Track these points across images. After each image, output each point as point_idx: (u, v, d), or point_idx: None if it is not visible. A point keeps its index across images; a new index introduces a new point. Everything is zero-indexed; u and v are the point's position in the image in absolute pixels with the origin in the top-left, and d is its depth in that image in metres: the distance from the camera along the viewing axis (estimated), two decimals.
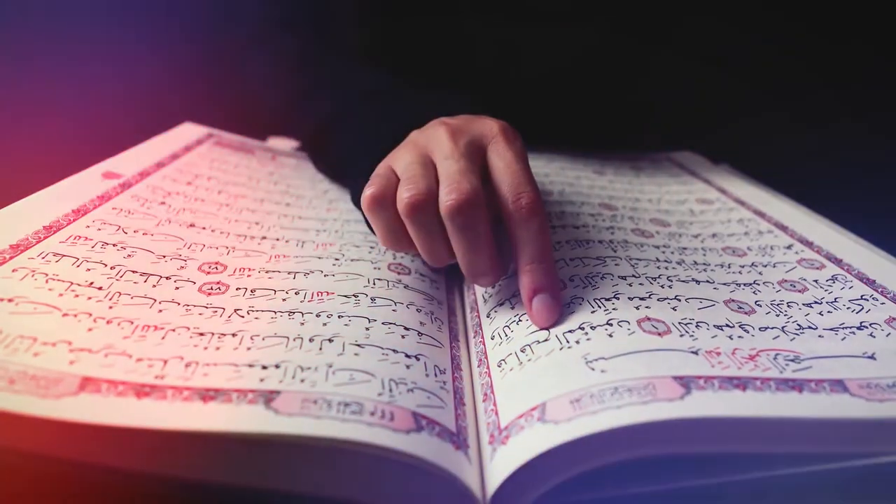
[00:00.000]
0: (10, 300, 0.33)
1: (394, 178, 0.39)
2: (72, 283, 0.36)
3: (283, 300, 0.38)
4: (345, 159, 0.54)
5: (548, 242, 0.38)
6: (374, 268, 0.43)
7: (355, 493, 0.28)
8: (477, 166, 0.39)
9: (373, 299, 0.39)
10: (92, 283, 0.36)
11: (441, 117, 0.43)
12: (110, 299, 0.35)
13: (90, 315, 0.34)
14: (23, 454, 0.27)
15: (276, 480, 0.28)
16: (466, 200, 0.36)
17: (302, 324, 0.35)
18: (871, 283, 0.43)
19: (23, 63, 0.90)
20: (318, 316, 0.36)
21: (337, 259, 0.44)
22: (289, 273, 0.41)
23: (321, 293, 0.39)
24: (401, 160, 0.40)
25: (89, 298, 0.35)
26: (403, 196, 0.37)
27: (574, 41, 0.68)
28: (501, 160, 0.39)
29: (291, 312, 0.37)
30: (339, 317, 0.36)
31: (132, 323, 0.34)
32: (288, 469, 0.28)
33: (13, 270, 0.35)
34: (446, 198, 0.37)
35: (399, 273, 0.43)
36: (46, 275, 0.36)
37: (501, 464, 0.29)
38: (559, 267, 0.42)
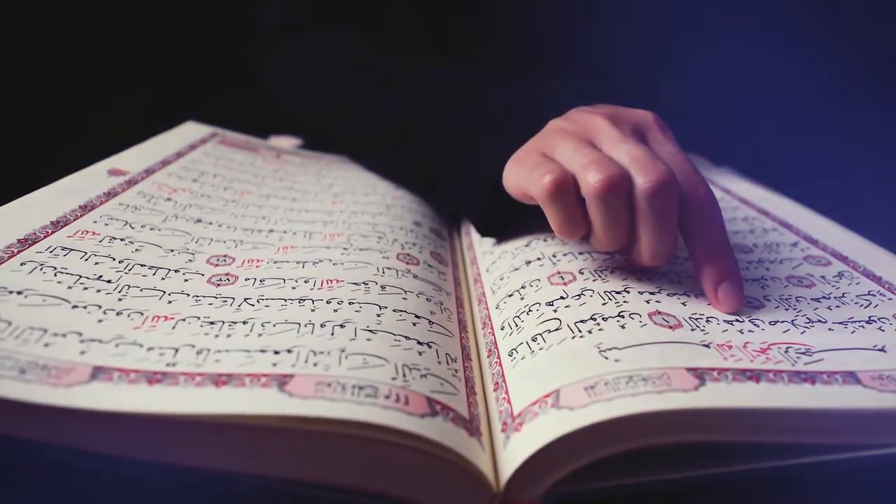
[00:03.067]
0: (19, 293, 0.33)
1: (562, 166, 0.38)
2: (80, 277, 0.36)
3: (293, 288, 0.38)
4: (462, 149, 0.52)
5: (725, 231, 0.38)
6: (383, 257, 0.43)
7: (368, 480, 0.28)
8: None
9: (383, 287, 0.39)
10: (101, 277, 0.36)
11: (579, 106, 0.43)
12: (119, 291, 0.35)
13: (100, 307, 0.33)
14: None
15: (288, 468, 0.28)
16: (666, 182, 0.36)
17: (313, 310, 0.35)
18: (877, 279, 0.43)
19: (27, 61, 0.90)
20: (328, 303, 0.36)
21: (345, 249, 0.44)
22: (297, 262, 0.41)
23: (331, 281, 0.39)
24: (562, 147, 0.39)
25: (98, 291, 0.35)
26: (596, 178, 0.36)
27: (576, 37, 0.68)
28: (664, 150, 0.39)
29: (302, 300, 0.36)
30: (349, 303, 0.36)
31: (142, 314, 0.34)
32: (300, 456, 0.27)
33: (21, 264, 0.35)
34: (644, 180, 0.36)
35: (408, 263, 0.43)
36: (55, 268, 0.36)
37: (516, 450, 0.29)
38: (568, 260, 0.42)
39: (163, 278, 0.37)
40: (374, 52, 0.64)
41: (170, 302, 0.35)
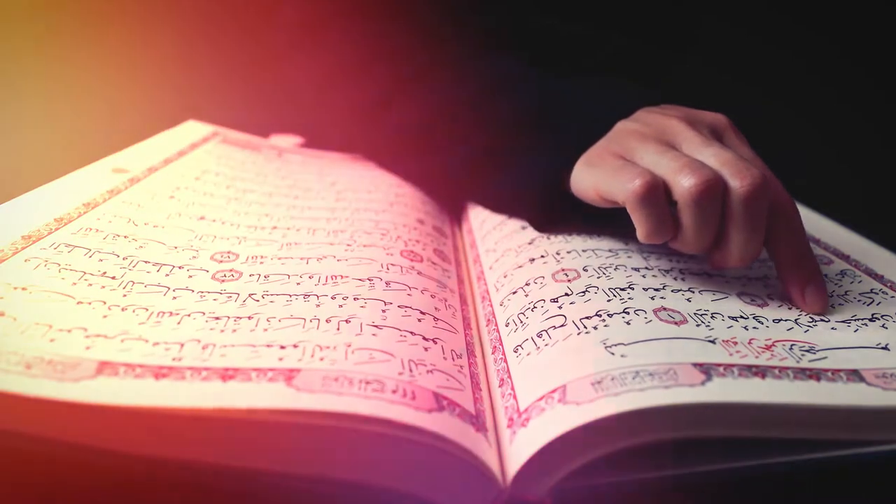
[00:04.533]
0: (23, 289, 0.33)
1: (648, 170, 0.38)
2: (85, 273, 0.36)
3: (298, 284, 0.38)
4: (521, 146, 0.51)
5: (805, 234, 0.38)
6: (387, 253, 0.43)
7: (375, 475, 0.28)
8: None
9: (387, 283, 0.39)
10: (105, 273, 0.36)
11: (645, 107, 0.43)
12: (124, 288, 0.35)
13: (104, 303, 0.33)
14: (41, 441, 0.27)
15: (295, 463, 0.28)
16: (762, 186, 0.36)
17: (318, 306, 0.35)
18: (879, 277, 0.43)
19: (28, 59, 0.90)
20: (333, 298, 0.36)
21: (349, 245, 0.44)
22: (301, 259, 0.41)
23: (335, 277, 0.39)
24: (644, 150, 0.39)
25: (103, 287, 0.35)
26: (691, 182, 0.36)
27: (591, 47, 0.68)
28: (742, 153, 0.39)
29: (307, 295, 0.36)
30: (354, 299, 0.36)
31: (147, 310, 0.34)
32: (307, 451, 0.27)
33: (26, 260, 0.35)
34: (740, 184, 0.36)
35: (412, 260, 0.43)
36: (59, 265, 0.36)
37: (523, 446, 0.29)
38: (572, 257, 0.42)
39: (167, 274, 0.37)
40: (401, 44, 0.61)
41: (174, 298, 0.35)
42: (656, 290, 0.39)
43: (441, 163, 0.56)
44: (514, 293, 0.41)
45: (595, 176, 0.41)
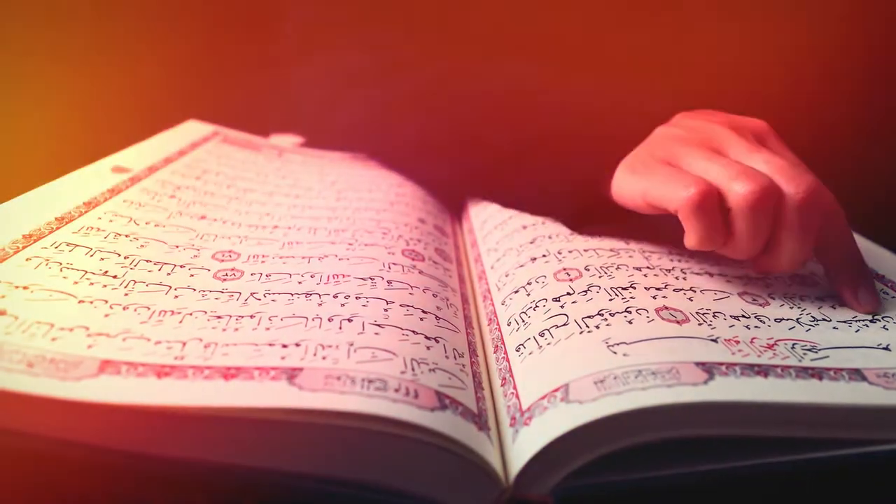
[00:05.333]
0: (25, 287, 0.33)
1: (699, 177, 0.38)
2: (86, 272, 0.35)
3: (299, 283, 0.38)
4: (551, 151, 0.51)
5: (853, 236, 0.39)
6: (389, 253, 0.43)
7: (377, 474, 0.28)
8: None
9: (389, 282, 0.39)
10: (106, 272, 0.36)
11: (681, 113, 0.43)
12: (125, 287, 0.35)
13: (106, 302, 0.33)
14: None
15: (297, 462, 0.28)
16: (817, 192, 0.36)
17: (320, 304, 0.35)
18: (880, 278, 0.43)
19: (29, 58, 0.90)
20: (335, 297, 0.36)
21: (350, 244, 0.44)
22: (303, 258, 0.41)
23: (337, 276, 0.39)
24: (692, 157, 0.39)
25: (104, 286, 0.35)
26: (747, 189, 0.36)
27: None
28: (788, 156, 0.39)
29: (308, 294, 0.36)
30: (356, 298, 0.36)
31: (149, 309, 0.33)
32: (308, 450, 0.27)
33: (27, 259, 0.35)
34: (796, 191, 0.36)
35: (413, 259, 0.43)
36: (60, 264, 0.36)
37: (525, 445, 0.29)
38: (574, 257, 0.42)
39: (168, 273, 0.37)
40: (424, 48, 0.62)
41: (176, 297, 0.35)
42: (658, 289, 0.39)
43: (468, 164, 0.56)
44: (516, 292, 0.41)
45: (643, 183, 0.41)
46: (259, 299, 0.36)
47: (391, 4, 0.64)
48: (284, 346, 0.31)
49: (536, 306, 0.38)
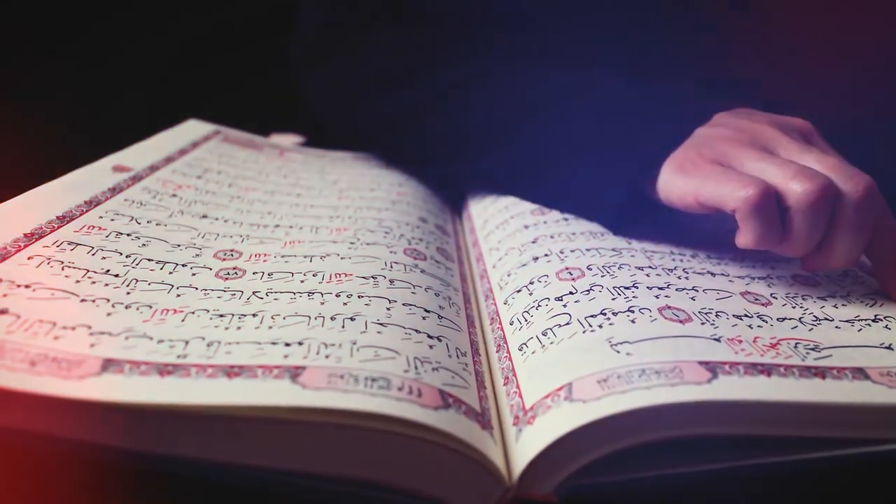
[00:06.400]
0: (27, 286, 0.33)
1: (756, 178, 0.38)
2: (88, 271, 0.35)
3: (302, 282, 0.38)
4: (595, 151, 0.50)
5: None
6: (391, 252, 0.43)
7: (381, 473, 0.28)
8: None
9: (391, 281, 0.39)
10: (108, 271, 0.36)
11: (720, 113, 0.43)
12: (127, 285, 0.35)
13: (108, 300, 0.33)
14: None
15: (301, 461, 0.27)
16: (873, 189, 0.37)
17: (322, 303, 0.35)
18: None
19: (30, 57, 0.90)
20: (337, 296, 0.36)
21: (352, 243, 0.44)
22: (305, 257, 0.41)
23: (339, 275, 0.39)
24: (744, 156, 0.39)
25: (106, 285, 0.35)
26: (806, 188, 0.36)
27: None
28: (833, 154, 0.40)
29: (311, 293, 0.36)
30: (359, 297, 0.36)
31: (151, 307, 0.33)
32: (313, 448, 0.27)
33: (29, 258, 0.35)
34: (853, 189, 0.37)
35: (415, 258, 0.43)
36: (62, 262, 0.36)
37: (529, 443, 0.29)
38: (576, 256, 0.42)
39: (170, 272, 0.37)
40: (449, 50, 0.59)
41: (178, 295, 0.35)
42: (661, 288, 0.39)
43: (508, 161, 0.55)
44: (518, 291, 0.41)
45: (694, 182, 0.41)
46: (261, 298, 0.35)
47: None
48: (287, 344, 0.31)
49: (539, 305, 0.38)
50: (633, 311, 0.36)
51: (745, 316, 0.37)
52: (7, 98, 0.85)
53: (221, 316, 0.33)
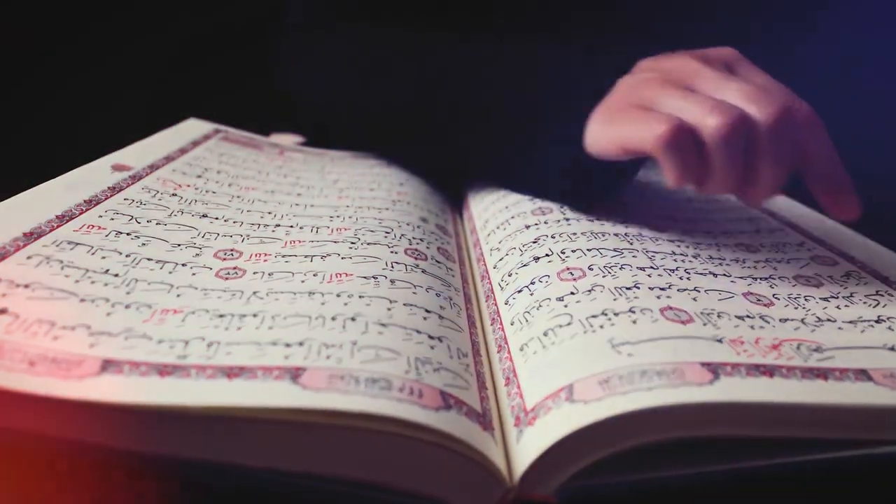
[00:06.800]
0: (26, 286, 0.33)
1: (672, 115, 0.38)
2: (87, 270, 0.35)
3: (302, 282, 0.38)
4: (528, 122, 0.51)
5: (832, 144, 0.38)
6: (392, 252, 0.43)
7: (382, 474, 0.28)
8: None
9: (392, 281, 0.39)
10: (108, 270, 0.36)
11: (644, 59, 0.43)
12: (127, 285, 0.35)
13: (108, 300, 0.33)
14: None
15: (301, 462, 0.27)
16: (788, 113, 0.36)
17: (322, 304, 0.35)
18: (884, 279, 0.43)
19: (31, 56, 0.90)
20: (338, 296, 0.36)
21: (353, 243, 0.43)
22: (305, 256, 0.41)
23: (340, 275, 0.39)
24: (663, 95, 0.39)
25: (106, 285, 0.34)
26: (718, 122, 0.36)
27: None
28: (759, 80, 0.39)
29: (311, 293, 0.36)
30: (359, 297, 0.36)
31: (150, 307, 0.33)
32: (313, 450, 0.27)
33: (28, 258, 0.35)
34: (766, 117, 0.36)
35: (416, 258, 0.43)
36: (62, 262, 0.35)
37: (530, 444, 0.29)
38: (577, 256, 0.42)
39: (170, 272, 0.37)
40: (401, 38, 0.62)
41: (178, 295, 0.35)
42: (662, 289, 0.38)
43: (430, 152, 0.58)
44: (519, 292, 0.40)
45: (616, 130, 0.41)
46: (261, 298, 0.35)
47: None
48: (288, 345, 0.31)
49: (540, 306, 0.38)
50: (634, 312, 0.36)
51: (748, 317, 0.36)
52: (7, 98, 0.85)
53: (221, 316, 0.33)
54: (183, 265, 0.38)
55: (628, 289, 0.38)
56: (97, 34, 0.94)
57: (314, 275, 0.38)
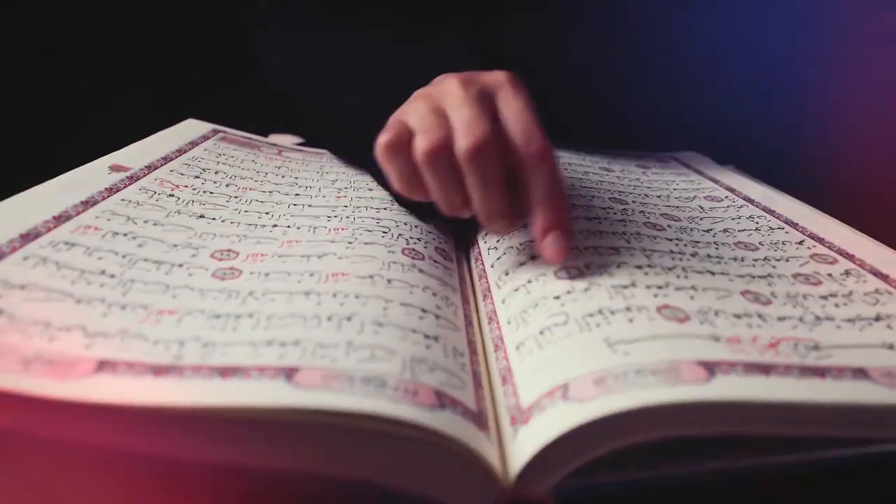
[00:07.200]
0: (22, 287, 0.33)
1: (407, 128, 0.39)
2: (84, 271, 0.35)
3: (298, 282, 0.37)
4: (353, 124, 0.55)
5: (558, 184, 0.39)
6: (389, 251, 0.43)
7: (377, 473, 0.28)
8: (489, 112, 0.39)
9: (389, 281, 0.38)
10: (104, 271, 0.36)
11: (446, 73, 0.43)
12: (123, 286, 0.35)
13: (104, 301, 0.33)
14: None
15: (296, 461, 0.27)
16: (482, 143, 0.37)
17: (318, 304, 0.35)
18: (884, 277, 0.43)
19: (29, 57, 0.90)
20: (334, 296, 0.36)
21: (350, 243, 0.43)
22: (302, 256, 0.41)
23: (336, 274, 0.39)
24: (413, 112, 0.40)
25: (102, 285, 0.34)
26: (421, 145, 0.38)
27: (575, 42, 0.68)
28: (510, 108, 0.39)
29: (307, 293, 0.36)
30: (355, 297, 0.36)
31: (146, 308, 0.33)
32: (309, 449, 0.27)
33: (24, 258, 0.35)
34: (462, 142, 0.37)
35: (413, 258, 0.43)
36: (58, 263, 0.35)
37: (525, 443, 0.29)
38: (574, 255, 0.42)
39: (167, 273, 0.37)
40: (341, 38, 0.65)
41: (174, 296, 0.35)
42: (659, 287, 0.38)
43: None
44: (516, 290, 0.40)
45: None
46: (258, 298, 0.35)
47: None
48: (283, 345, 0.31)
49: (537, 305, 0.38)
50: (630, 311, 0.35)
51: (745, 315, 0.36)
52: (7, 98, 0.85)
53: (217, 317, 0.33)
54: (179, 266, 0.38)
55: (625, 287, 0.38)
56: (97, 34, 0.94)
57: (311, 275, 0.38)
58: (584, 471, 0.29)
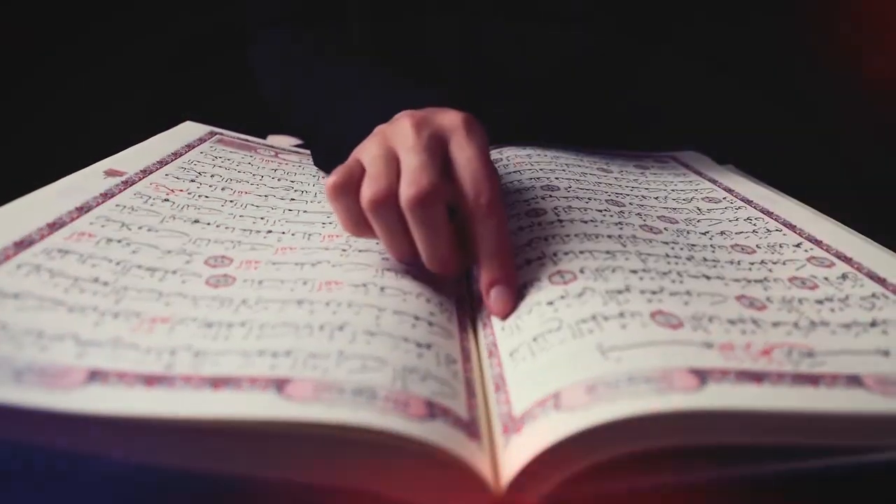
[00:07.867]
0: (15, 296, 0.33)
1: (358, 169, 0.40)
2: (77, 279, 0.35)
3: (291, 290, 0.37)
4: (326, 153, 0.57)
5: (505, 237, 0.39)
6: (383, 258, 0.42)
7: (367, 484, 0.28)
8: (437, 159, 0.39)
9: (382, 289, 0.38)
10: (97, 279, 0.36)
11: (408, 110, 0.43)
12: (116, 294, 0.35)
13: (96, 309, 0.33)
14: None
15: (287, 472, 0.27)
16: (425, 194, 0.37)
17: (311, 312, 0.35)
18: (881, 281, 0.42)
19: (27, 60, 0.90)
20: (327, 305, 0.36)
21: (344, 250, 0.43)
22: (296, 264, 0.41)
23: (330, 283, 0.38)
24: (367, 153, 0.41)
25: (95, 293, 0.34)
26: (365, 193, 0.38)
27: (574, 41, 0.68)
28: (462, 155, 0.40)
29: (300, 302, 0.36)
30: (348, 305, 0.36)
31: (139, 316, 0.33)
32: (299, 459, 0.27)
33: (17, 267, 0.35)
34: (406, 191, 0.37)
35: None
36: (51, 271, 0.35)
37: (517, 452, 0.29)
38: (569, 259, 0.42)
39: (160, 280, 0.37)
40: (302, 55, 0.67)
41: (167, 304, 0.35)
42: (654, 292, 0.38)
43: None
44: None
45: None
46: (250, 307, 0.35)
47: None
48: (274, 355, 0.31)
49: (531, 311, 0.38)
50: (624, 316, 0.35)
51: (739, 321, 0.36)
52: (7, 98, 0.85)
53: (210, 325, 0.33)
54: (173, 272, 0.38)
55: (619, 292, 0.38)
56: (97, 34, 0.94)
57: (304, 283, 0.38)
58: (575, 479, 0.28)
